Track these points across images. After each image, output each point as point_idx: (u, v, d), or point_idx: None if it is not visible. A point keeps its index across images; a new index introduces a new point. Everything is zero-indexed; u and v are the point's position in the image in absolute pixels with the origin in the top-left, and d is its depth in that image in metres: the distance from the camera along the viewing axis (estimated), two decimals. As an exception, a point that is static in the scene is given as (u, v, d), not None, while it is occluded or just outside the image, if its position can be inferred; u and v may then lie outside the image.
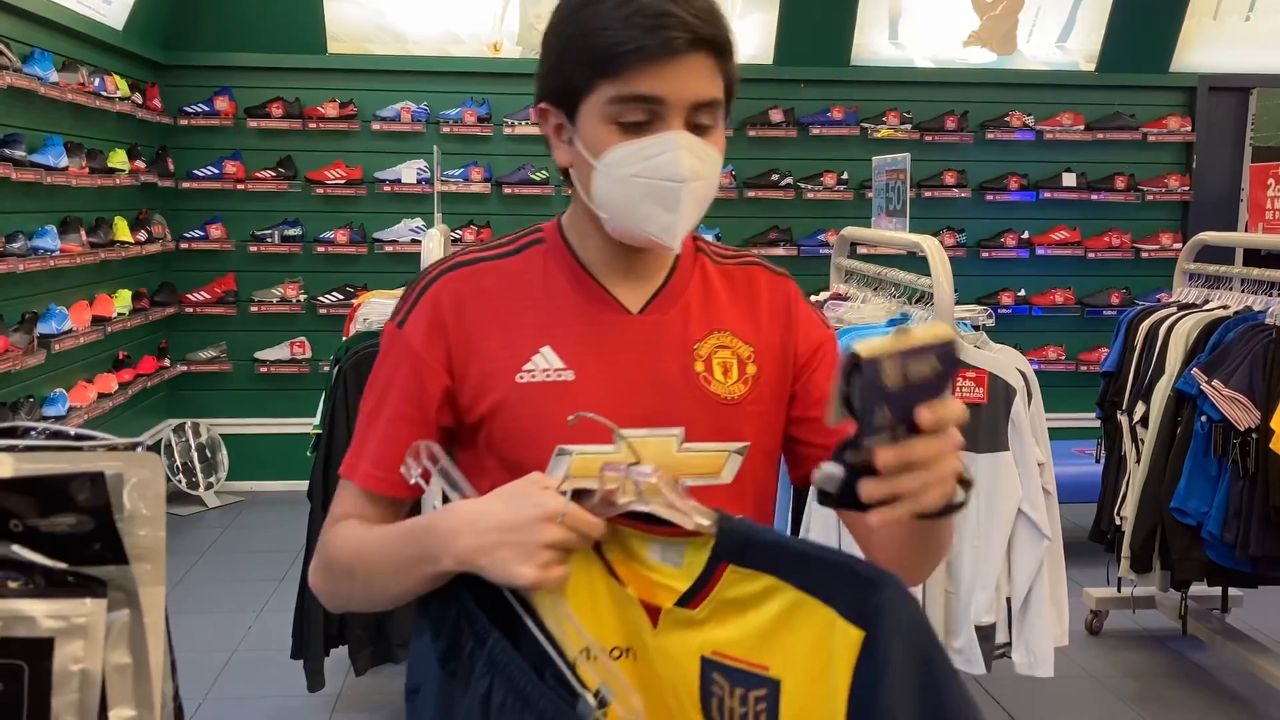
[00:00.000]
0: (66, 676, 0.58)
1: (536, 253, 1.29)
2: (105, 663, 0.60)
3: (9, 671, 0.58)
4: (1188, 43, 6.42)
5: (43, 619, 0.58)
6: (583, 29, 1.17)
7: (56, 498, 0.60)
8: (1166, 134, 6.42)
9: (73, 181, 4.54)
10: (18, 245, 4.15)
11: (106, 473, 0.60)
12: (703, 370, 1.25)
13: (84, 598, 0.59)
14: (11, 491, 0.59)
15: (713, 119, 1.19)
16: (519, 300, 1.25)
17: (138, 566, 0.63)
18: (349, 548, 1.20)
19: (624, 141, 1.16)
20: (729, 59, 1.19)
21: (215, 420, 6.05)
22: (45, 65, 4.33)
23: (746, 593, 1.01)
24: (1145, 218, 6.49)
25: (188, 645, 0.87)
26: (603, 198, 1.19)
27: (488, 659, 1.00)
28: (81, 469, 0.60)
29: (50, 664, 0.58)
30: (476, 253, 1.29)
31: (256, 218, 6.02)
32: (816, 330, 1.34)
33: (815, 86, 6.27)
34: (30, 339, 4.14)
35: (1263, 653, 3.74)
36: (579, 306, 1.25)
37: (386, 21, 6.03)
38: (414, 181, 5.99)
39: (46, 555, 0.60)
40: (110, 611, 0.61)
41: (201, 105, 5.92)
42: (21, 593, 0.59)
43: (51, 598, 0.59)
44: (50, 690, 0.59)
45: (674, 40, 1.12)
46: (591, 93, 1.16)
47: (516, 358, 1.22)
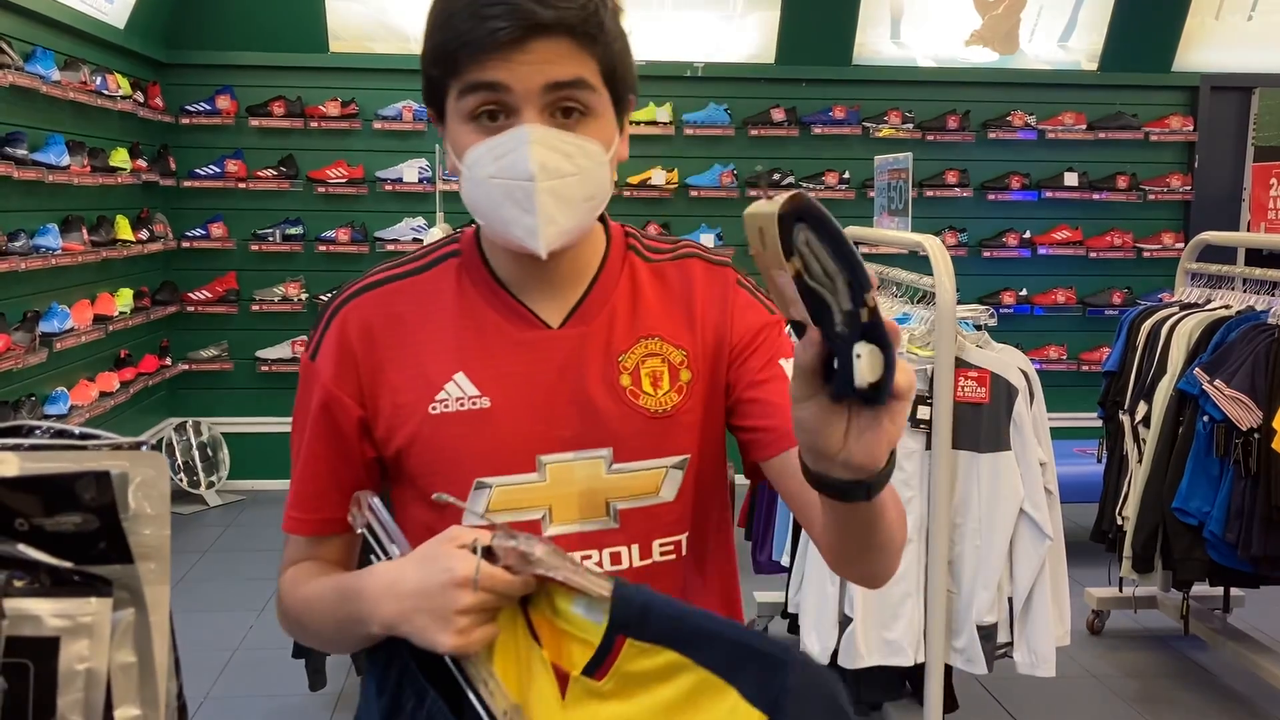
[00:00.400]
0: (72, 675, 0.58)
1: (450, 267, 1.22)
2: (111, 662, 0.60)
3: (15, 670, 0.58)
4: (1190, 42, 6.41)
5: (48, 618, 0.58)
6: (431, 28, 1.12)
7: (62, 497, 0.60)
8: (1168, 133, 6.42)
9: (74, 180, 4.54)
10: (20, 244, 4.16)
11: (112, 472, 0.60)
12: (629, 384, 1.18)
13: (89, 597, 0.59)
14: (16, 490, 0.59)
15: (584, 104, 1.10)
16: (430, 322, 1.18)
17: (143, 565, 0.63)
18: (294, 601, 1.18)
19: (480, 140, 1.09)
20: (600, 37, 1.09)
21: (216, 419, 6.05)
22: (47, 64, 4.33)
23: (648, 667, 0.94)
24: (1147, 217, 6.49)
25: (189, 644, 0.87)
26: (472, 203, 1.13)
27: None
28: (86, 468, 0.60)
29: (56, 663, 0.58)
30: (388, 270, 1.23)
31: (258, 216, 6.02)
32: (755, 315, 1.23)
33: (817, 85, 6.27)
34: (32, 337, 4.15)
35: (1264, 653, 3.73)
36: (494, 325, 1.18)
37: (388, 20, 6.03)
38: (416, 181, 5.99)
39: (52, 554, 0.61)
40: (115, 611, 0.61)
41: (203, 104, 5.92)
42: (27, 592, 0.59)
43: (57, 597, 0.59)
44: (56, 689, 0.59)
45: (501, 30, 1.05)
46: (448, 93, 1.11)
47: (429, 387, 1.16)
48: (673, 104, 6.15)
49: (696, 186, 6.17)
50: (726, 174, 6.19)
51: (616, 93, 1.13)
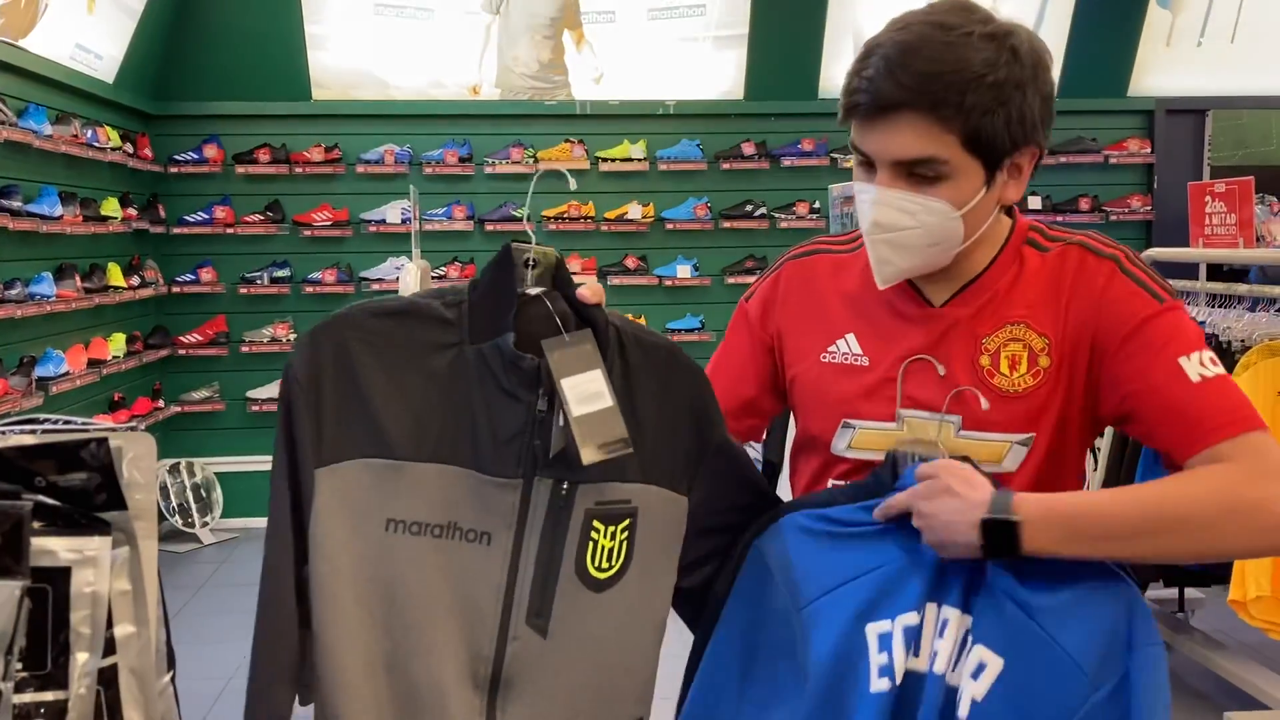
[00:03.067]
0: (81, 597, 0.74)
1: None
2: (111, 588, 0.76)
3: (37, 593, 0.74)
4: (1144, 68, 6.65)
5: (62, 552, 0.75)
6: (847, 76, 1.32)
7: (71, 460, 0.76)
8: (1127, 156, 6.64)
9: (67, 229, 4.71)
10: (15, 292, 4.31)
11: (110, 441, 0.76)
12: (988, 364, 1.31)
13: (93, 535, 0.76)
14: (36, 456, 0.76)
15: (935, 172, 1.25)
16: (841, 290, 1.43)
17: (135, 523, 0.79)
18: None
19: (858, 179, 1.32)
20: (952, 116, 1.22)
21: (209, 459, 6.19)
22: (40, 119, 4.51)
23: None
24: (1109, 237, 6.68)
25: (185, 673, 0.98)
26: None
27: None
28: (90, 437, 0.76)
29: (68, 587, 0.74)
30: (825, 243, 1.50)
31: (246, 260, 6.19)
32: (1134, 305, 1.28)
33: (785, 119, 6.47)
34: (28, 382, 4.30)
35: (1221, 651, 3.88)
36: (887, 300, 1.38)
37: (369, 68, 6.24)
38: (398, 221, 6.17)
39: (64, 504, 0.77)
40: (114, 548, 0.77)
41: (191, 153, 6.11)
42: (45, 532, 0.75)
43: (68, 535, 0.75)
44: (69, 608, 0.75)
45: (862, 103, 1.25)
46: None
47: (826, 338, 1.41)
48: (647, 141, 6.35)
49: (672, 219, 6.37)
50: (700, 206, 6.38)
51: (986, 155, 1.26)
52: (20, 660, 0.74)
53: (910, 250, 1.29)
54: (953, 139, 1.24)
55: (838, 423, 1.38)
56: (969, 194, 1.28)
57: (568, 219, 6.24)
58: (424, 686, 1.17)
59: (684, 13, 6.31)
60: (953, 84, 1.22)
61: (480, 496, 1.20)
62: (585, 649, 1.22)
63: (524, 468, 1.21)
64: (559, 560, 1.21)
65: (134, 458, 0.79)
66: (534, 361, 1.21)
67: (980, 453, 1.31)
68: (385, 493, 1.18)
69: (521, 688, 1.20)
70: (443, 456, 1.19)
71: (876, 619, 1.22)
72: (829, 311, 1.43)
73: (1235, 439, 1.21)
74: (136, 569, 0.78)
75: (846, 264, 1.45)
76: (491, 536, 1.20)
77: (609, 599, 1.23)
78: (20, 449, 0.76)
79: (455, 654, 1.18)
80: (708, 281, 6.38)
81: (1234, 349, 3.47)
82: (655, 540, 1.26)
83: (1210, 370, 1.25)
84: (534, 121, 6.35)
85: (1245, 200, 3.97)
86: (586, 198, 6.30)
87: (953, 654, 1.19)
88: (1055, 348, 1.31)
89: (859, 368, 1.38)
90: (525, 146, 6.28)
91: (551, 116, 6.36)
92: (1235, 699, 3.78)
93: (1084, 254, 1.33)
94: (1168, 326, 1.27)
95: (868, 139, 1.28)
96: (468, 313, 1.24)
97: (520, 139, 6.30)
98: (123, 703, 0.78)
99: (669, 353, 1.31)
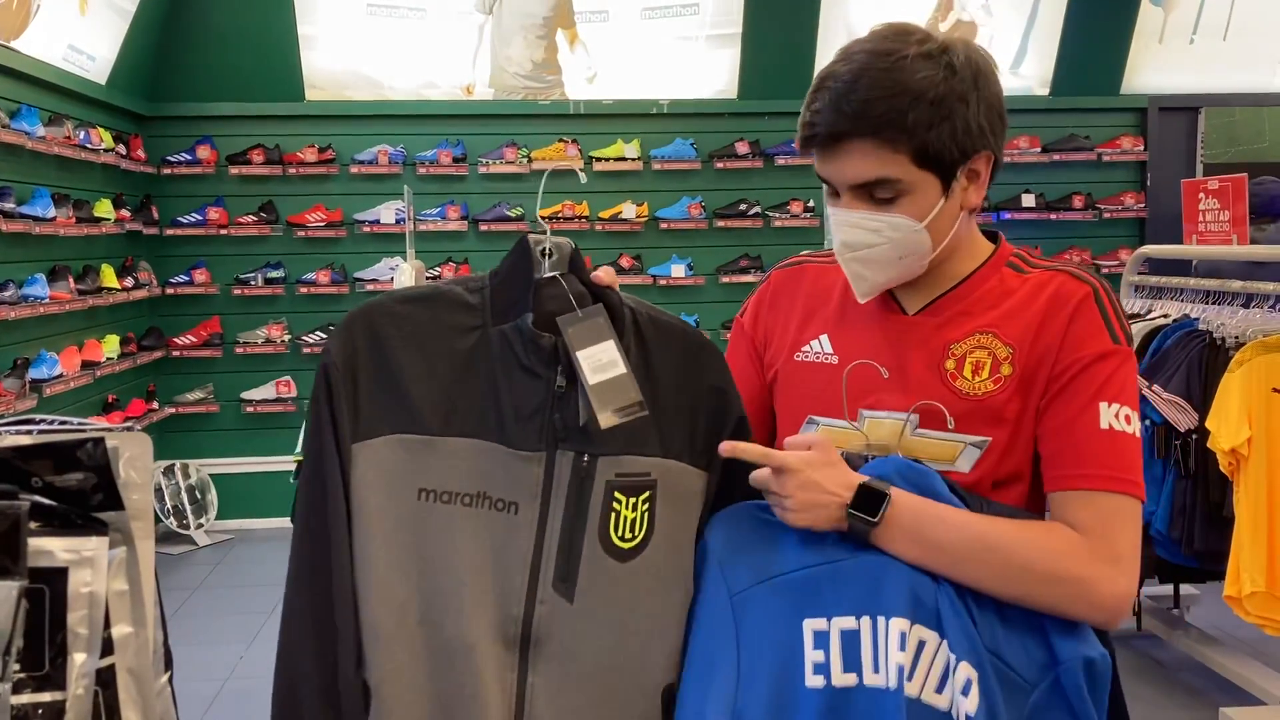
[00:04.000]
0: (79, 597, 0.74)
1: None
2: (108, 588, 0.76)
3: (34, 594, 0.74)
4: (1136, 66, 6.66)
5: (59, 552, 0.74)
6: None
7: (67, 460, 0.76)
8: (1120, 154, 6.65)
9: (60, 231, 4.70)
10: (8, 293, 4.31)
11: (106, 441, 0.76)
12: (953, 367, 1.38)
13: (90, 535, 0.75)
14: (32, 456, 0.76)
15: (892, 191, 1.33)
16: (822, 299, 1.50)
17: (132, 523, 0.79)
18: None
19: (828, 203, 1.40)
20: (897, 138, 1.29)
21: (204, 460, 6.18)
22: (32, 120, 4.50)
23: None
24: (1104, 235, 6.70)
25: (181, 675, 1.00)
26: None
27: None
28: (87, 437, 0.76)
29: (66, 587, 0.74)
30: (813, 256, 1.58)
31: (240, 261, 6.18)
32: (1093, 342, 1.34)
33: (779, 118, 6.47)
34: (22, 384, 4.29)
35: (1216, 646, 3.89)
36: (865, 308, 1.45)
37: (362, 69, 6.23)
38: (392, 221, 6.16)
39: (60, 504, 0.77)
40: (111, 549, 0.77)
41: (184, 154, 6.10)
42: (42, 532, 0.75)
43: (65, 535, 0.75)
44: (66, 608, 0.75)
45: (817, 134, 1.33)
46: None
47: (800, 339, 1.49)
48: (640, 140, 6.35)
49: (666, 219, 6.37)
50: (694, 205, 6.38)
51: (939, 168, 1.33)
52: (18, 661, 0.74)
53: (881, 264, 1.36)
54: (903, 158, 1.31)
55: (803, 419, 1.45)
56: (928, 206, 1.34)
57: (562, 218, 6.24)
58: (455, 641, 1.24)
59: (677, 12, 6.31)
60: (894, 107, 1.29)
61: (506, 469, 1.27)
62: (612, 615, 1.28)
63: (546, 442, 1.28)
64: (582, 530, 1.28)
65: (130, 458, 0.79)
66: (551, 340, 1.29)
67: (934, 452, 1.36)
68: (417, 465, 1.26)
69: (552, 649, 1.27)
70: (470, 431, 1.27)
71: (813, 615, 1.25)
72: (809, 314, 1.51)
73: (1105, 493, 1.29)
74: (134, 569, 0.78)
75: (831, 273, 1.51)
76: (518, 506, 1.27)
77: (634, 568, 1.29)
78: (16, 449, 0.76)
79: (485, 613, 1.25)
80: (702, 281, 6.38)
81: (1228, 345, 3.48)
82: (676, 512, 1.32)
83: (1121, 426, 1.31)
84: (528, 121, 6.35)
85: (1239, 197, 3.98)
86: (581, 197, 6.30)
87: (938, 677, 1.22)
88: (1019, 358, 1.36)
89: (828, 365, 1.45)
90: (519, 146, 6.28)
91: (545, 116, 6.36)
92: (1230, 694, 3.79)
93: (1064, 278, 1.39)
94: (1111, 370, 1.33)
95: (825, 167, 1.36)
96: (489, 297, 1.33)
97: (514, 139, 6.30)
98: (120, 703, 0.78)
99: (684, 332, 1.38)
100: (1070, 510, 1.30)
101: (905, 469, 1.30)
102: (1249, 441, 3.20)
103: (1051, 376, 1.34)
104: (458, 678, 1.23)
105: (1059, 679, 1.22)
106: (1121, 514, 1.29)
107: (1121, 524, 1.28)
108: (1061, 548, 1.26)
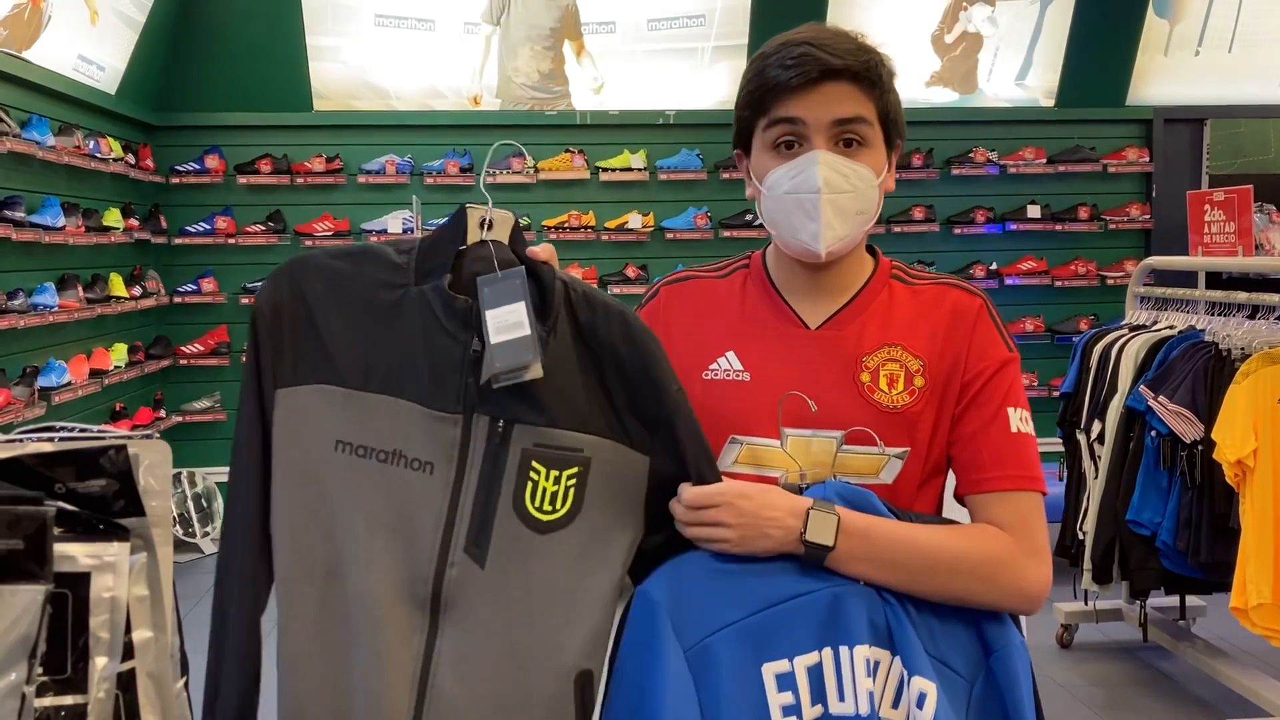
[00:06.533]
0: (100, 602, 0.75)
1: (739, 277, 1.54)
2: (129, 593, 0.77)
3: (57, 598, 0.75)
4: (1142, 77, 6.67)
5: (82, 558, 0.75)
6: (749, 78, 1.43)
7: (90, 466, 0.77)
8: (1126, 165, 6.65)
9: (70, 240, 4.73)
10: (18, 302, 4.33)
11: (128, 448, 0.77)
12: (868, 380, 1.41)
13: (112, 541, 0.76)
14: (56, 463, 0.77)
15: (861, 137, 1.39)
16: (717, 313, 1.51)
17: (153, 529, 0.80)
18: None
19: (779, 165, 1.39)
20: (877, 86, 1.39)
21: (210, 469, 6.19)
22: (43, 130, 4.53)
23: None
24: (1109, 246, 6.71)
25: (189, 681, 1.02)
26: (769, 217, 1.43)
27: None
28: (108, 444, 0.77)
29: (88, 592, 0.75)
30: (695, 272, 1.58)
31: (248, 270, 6.20)
32: (993, 352, 1.43)
33: (785, 129, 6.47)
34: (31, 392, 4.31)
35: (1223, 658, 3.88)
36: (764, 320, 1.47)
37: (370, 79, 6.26)
38: (399, 231, 6.17)
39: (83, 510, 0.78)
40: (132, 554, 0.78)
41: (192, 164, 6.13)
42: (65, 538, 0.76)
43: (87, 541, 0.76)
44: (88, 612, 0.76)
45: (808, 71, 1.36)
46: (756, 129, 1.42)
47: (706, 357, 1.47)
48: (647, 151, 6.37)
49: (672, 229, 6.38)
50: (700, 216, 6.40)
51: (889, 132, 1.42)
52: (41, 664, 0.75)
53: (846, 215, 1.39)
54: (873, 108, 1.39)
55: (725, 439, 1.44)
56: (880, 167, 1.41)
57: (568, 228, 6.26)
58: (361, 595, 1.23)
59: (684, 23, 6.34)
60: (874, 60, 1.39)
61: (424, 428, 1.27)
62: (525, 586, 1.26)
63: (463, 404, 1.28)
64: (496, 495, 1.27)
65: (150, 465, 0.80)
66: (467, 302, 1.29)
67: (861, 466, 1.40)
68: (336, 417, 1.27)
69: (462, 611, 1.26)
70: (390, 389, 1.28)
71: (773, 659, 1.23)
72: (707, 332, 1.50)
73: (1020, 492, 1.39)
74: (154, 574, 0.79)
75: (717, 289, 1.53)
76: (434, 466, 1.27)
77: (552, 542, 1.28)
78: (41, 456, 0.77)
79: (391, 570, 1.24)
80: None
81: (1234, 357, 3.48)
82: (609, 494, 1.30)
83: (1025, 428, 1.43)
84: (534, 132, 6.37)
85: (1244, 208, 3.99)
86: (587, 207, 6.32)
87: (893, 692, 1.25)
88: (929, 370, 1.42)
89: (742, 384, 1.44)
90: (525, 157, 6.30)
91: (552, 127, 6.38)
92: (1237, 706, 3.78)
93: (955, 292, 1.47)
94: (1012, 376, 1.44)
95: (806, 104, 1.37)
96: (416, 258, 1.34)
97: (521, 149, 6.32)
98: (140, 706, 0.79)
99: (620, 314, 1.35)
100: (992, 511, 1.39)
101: (845, 491, 1.32)
102: (1255, 453, 3.20)
103: (963, 385, 1.42)
104: (363, 634, 1.22)
105: (991, 669, 1.29)
106: (1035, 509, 1.40)
107: (1037, 518, 1.39)
108: (996, 548, 1.34)
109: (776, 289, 1.49)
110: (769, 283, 1.50)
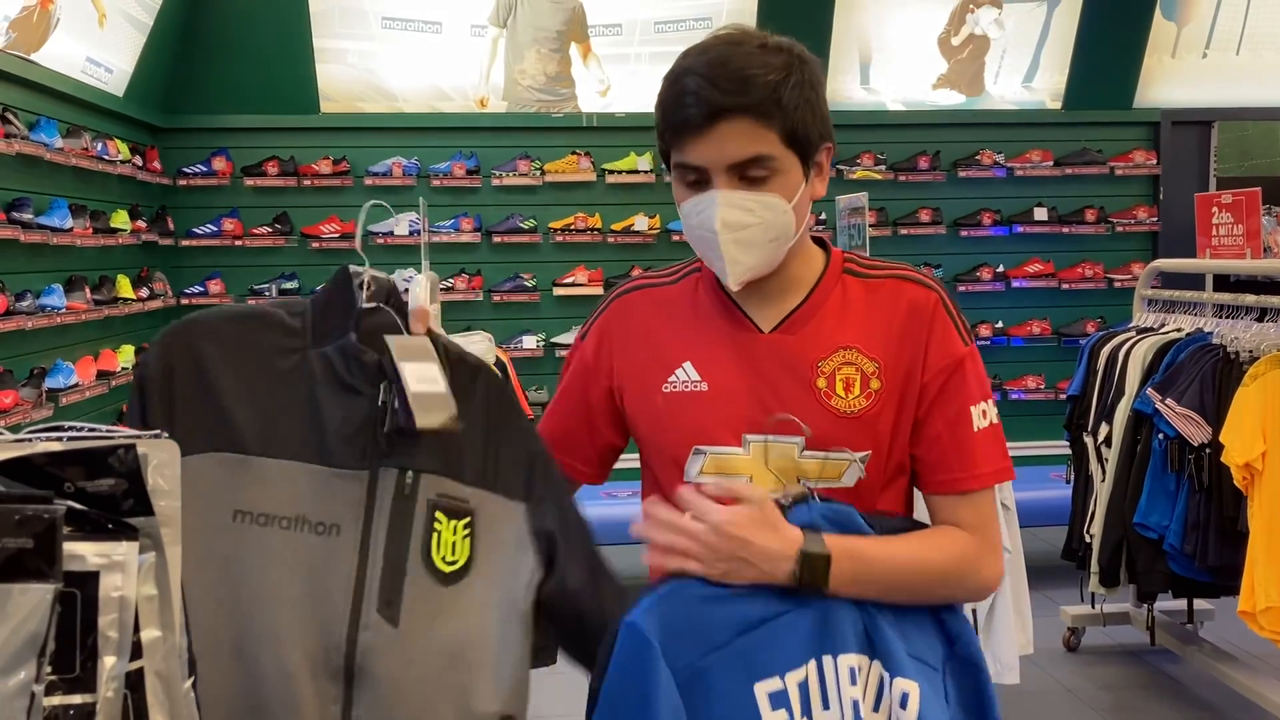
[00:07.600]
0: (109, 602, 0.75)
1: (692, 281, 1.51)
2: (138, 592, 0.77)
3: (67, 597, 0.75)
4: (1149, 80, 6.66)
5: (90, 556, 0.75)
6: (657, 103, 1.40)
7: (99, 465, 0.77)
8: (1133, 168, 6.64)
9: (77, 242, 4.74)
10: (26, 303, 4.34)
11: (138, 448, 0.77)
12: (824, 386, 1.39)
13: (121, 541, 0.76)
14: (65, 463, 0.77)
15: (766, 170, 1.34)
16: (673, 321, 1.48)
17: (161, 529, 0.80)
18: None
19: (688, 199, 1.37)
20: (776, 112, 1.32)
21: (217, 470, 6.19)
22: (50, 132, 4.54)
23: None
24: (1116, 248, 6.70)
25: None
26: (689, 240, 1.42)
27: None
28: (117, 443, 0.77)
29: (97, 592, 0.75)
30: (649, 279, 1.55)
31: (254, 272, 6.21)
32: (950, 347, 1.42)
33: (791, 131, 6.47)
34: (39, 393, 4.32)
35: (1230, 662, 3.87)
36: (718, 327, 1.45)
37: (376, 81, 6.27)
38: (406, 234, 6.19)
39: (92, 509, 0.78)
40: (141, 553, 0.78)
41: (199, 166, 6.14)
42: (74, 537, 0.76)
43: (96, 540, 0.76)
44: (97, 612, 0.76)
45: (691, 116, 1.32)
46: (670, 158, 1.40)
47: (664, 370, 1.45)
48: (653, 153, 6.37)
49: (678, 231, 6.38)
50: (707, 219, 6.39)
51: (802, 150, 1.36)
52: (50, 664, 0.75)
53: (755, 247, 1.36)
54: (775, 136, 1.33)
55: (689, 450, 1.43)
56: (794, 188, 1.37)
57: (574, 230, 6.26)
58: (272, 673, 1.20)
59: (690, 25, 6.34)
60: (768, 84, 1.32)
61: (328, 489, 1.25)
62: (437, 639, 1.25)
63: (369, 459, 1.27)
64: (405, 549, 1.26)
65: (159, 464, 0.80)
66: (375, 356, 1.28)
67: (822, 471, 1.39)
68: (234, 485, 1.23)
69: (375, 677, 1.23)
70: (289, 453, 1.25)
71: (764, 677, 1.23)
72: (661, 343, 1.48)
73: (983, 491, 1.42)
74: (163, 574, 0.79)
75: (670, 296, 1.51)
76: (340, 528, 1.25)
77: (456, 592, 1.27)
78: (50, 455, 0.77)
79: (302, 642, 1.22)
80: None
81: (1242, 359, 3.48)
82: (495, 542, 1.31)
83: (989, 421, 1.43)
84: (541, 134, 6.38)
85: (1252, 211, 3.98)
86: (593, 209, 6.32)
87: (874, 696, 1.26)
88: (885, 372, 1.40)
89: (700, 394, 1.43)
90: (532, 159, 6.31)
91: (558, 129, 6.39)
92: (1245, 710, 3.77)
93: (911, 287, 1.44)
94: (971, 372, 1.43)
95: (700, 149, 1.34)
96: (311, 321, 1.32)
97: (527, 151, 6.33)
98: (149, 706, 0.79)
99: (478, 368, 1.38)
100: (957, 512, 1.41)
101: (829, 512, 1.32)
102: (1263, 456, 3.20)
103: (923, 386, 1.40)
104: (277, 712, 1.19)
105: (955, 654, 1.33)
106: (991, 504, 1.43)
107: (992, 513, 1.43)
108: (964, 551, 1.38)
109: (727, 293, 1.46)
110: (721, 288, 1.47)
